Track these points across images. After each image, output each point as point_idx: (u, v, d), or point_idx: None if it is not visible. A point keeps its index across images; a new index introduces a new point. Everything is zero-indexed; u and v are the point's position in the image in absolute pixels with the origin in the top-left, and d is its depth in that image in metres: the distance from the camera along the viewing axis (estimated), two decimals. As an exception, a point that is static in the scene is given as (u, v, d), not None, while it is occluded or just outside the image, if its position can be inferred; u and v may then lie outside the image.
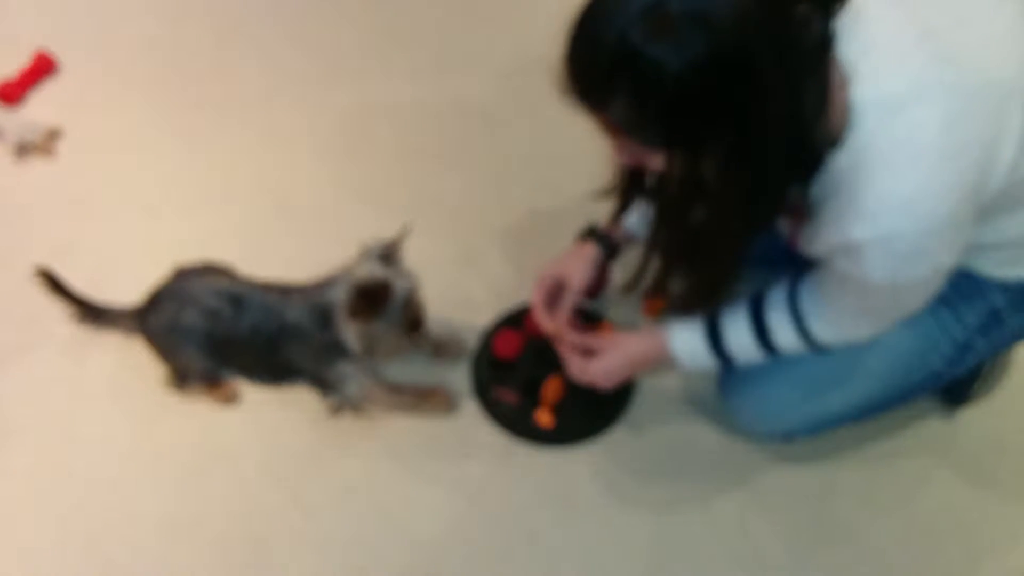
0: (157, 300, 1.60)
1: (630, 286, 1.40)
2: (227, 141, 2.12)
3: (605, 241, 1.55)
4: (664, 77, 0.93)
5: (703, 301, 1.33)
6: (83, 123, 2.15)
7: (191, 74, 2.27)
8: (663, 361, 1.42)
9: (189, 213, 1.98)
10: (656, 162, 1.09)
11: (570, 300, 1.52)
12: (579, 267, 1.53)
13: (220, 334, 1.55)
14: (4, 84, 2.16)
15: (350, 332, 1.48)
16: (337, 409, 1.61)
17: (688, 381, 1.65)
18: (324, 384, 1.58)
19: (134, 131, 2.14)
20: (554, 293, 1.55)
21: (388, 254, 1.47)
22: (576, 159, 1.83)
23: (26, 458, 1.62)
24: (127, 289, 1.65)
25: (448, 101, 2.19)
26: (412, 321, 1.52)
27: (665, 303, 1.72)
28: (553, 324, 1.51)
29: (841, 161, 1.04)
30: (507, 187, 2.01)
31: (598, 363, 1.44)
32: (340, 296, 1.45)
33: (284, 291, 1.55)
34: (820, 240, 1.14)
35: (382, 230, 1.48)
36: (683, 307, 1.36)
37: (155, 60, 2.30)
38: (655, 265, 1.30)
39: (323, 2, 2.43)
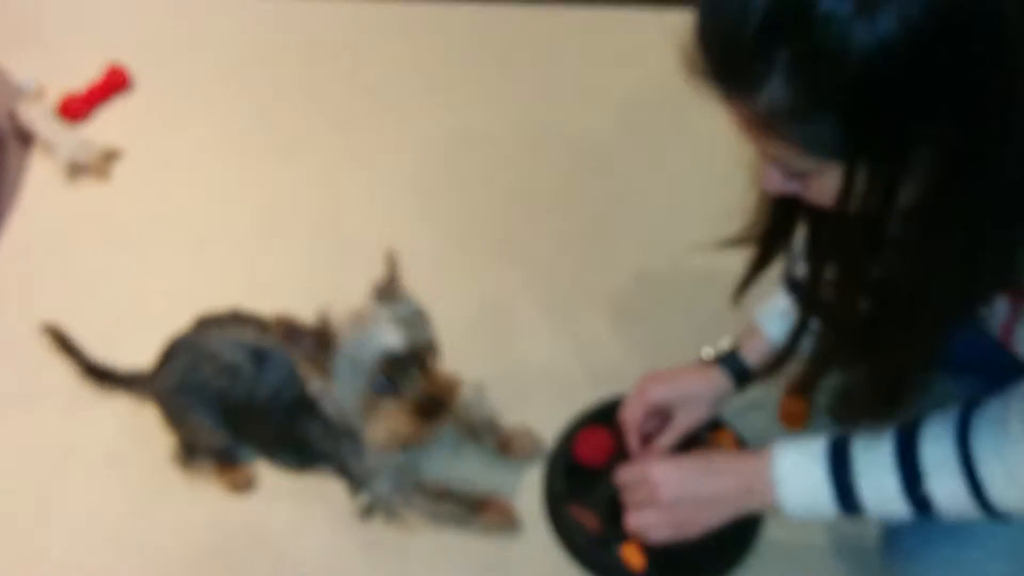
0: (170, 354, 1.30)
1: (769, 369, 1.08)
2: (298, 173, 1.83)
3: (735, 366, 1.17)
4: (849, 42, 0.61)
5: (875, 405, 0.92)
6: (148, 145, 1.92)
7: (272, 97, 2.01)
8: (756, 494, 0.99)
9: (240, 251, 1.70)
10: (824, 187, 0.75)
11: (670, 440, 1.19)
12: (693, 404, 1.18)
13: (237, 396, 1.24)
14: (69, 98, 1.95)
15: (314, 385, 1.14)
16: (367, 512, 1.26)
17: (832, 533, 1.21)
18: (349, 476, 1.24)
19: (200, 157, 1.89)
20: (656, 416, 1.20)
21: (384, 294, 1.14)
22: (701, 212, 1.42)
23: (-1, 529, 1.34)
24: (153, 329, 1.36)
25: (553, 134, 1.84)
26: (424, 401, 1.09)
27: (809, 407, 1.29)
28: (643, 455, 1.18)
29: None
30: (615, 240, 1.64)
31: (660, 463, 1.06)
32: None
33: None
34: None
35: (462, 278, 1.13)
36: (844, 413, 0.97)
37: (236, 81, 2.05)
38: (809, 347, 0.99)
39: (425, 21, 2.12)
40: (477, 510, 1.24)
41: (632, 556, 1.17)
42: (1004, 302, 0.83)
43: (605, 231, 1.65)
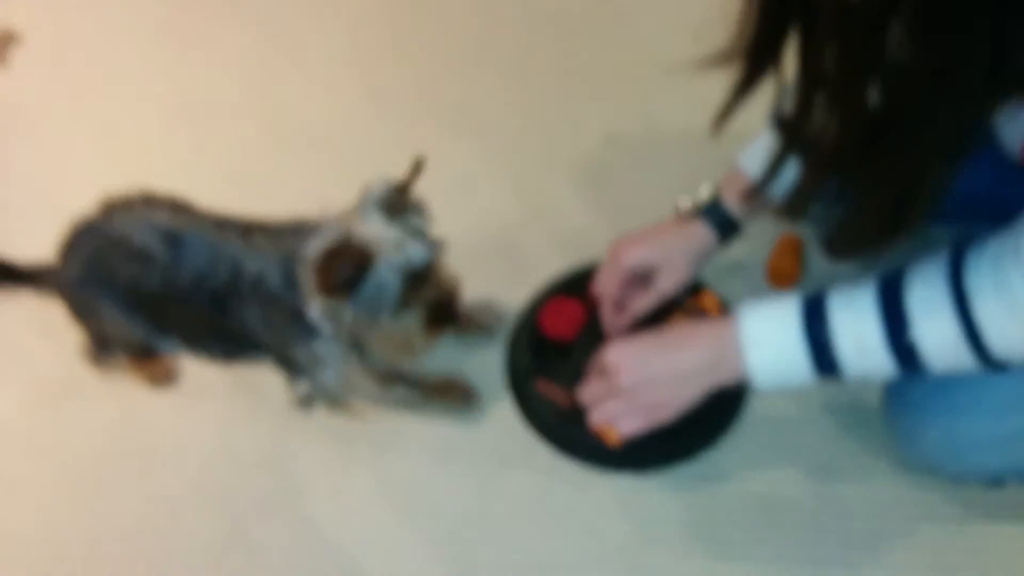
0: (74, 242, 1.13)
1: (751, 194, 0.95)
2: (218, 53, 1.66)
3: (718, 216, 1.03)
4: None
5: (879, 231, 0.78)
6: (50, 28, 1.72)
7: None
8: (724, 364, 0.85)
9: (154, 137, 1.52)
10: None
11: (648, 305, 1.05)
12: (675, 265, 1.03)
13: (151, 285, 1.07)
14: (-41, -22, 1.74)
15: (317, 310, 0.99)
16: (307, 402, 1.10)
17: (826, 396, 1.08)
18: (290, 365, 1.08)
19: (108, 40, 1.71)
20: (634, 284, 1.06)
21: (395, 202, 0.96)
22: (678, 76, 1.28)
23: None
24: (58, 221, 1.16)
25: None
26: (433, 308, 1.00)
27: (800, 264, 1.17)
28: (619, 328, 1.06)
29: None
30: (582, 106, 1.48)
31: (613, 346, 0.90)
32: (311, 253, 0.96)
33: (246, 230, 1.05)
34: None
35: (412, 150, 0.98)
36: (842, 244, 0.84)
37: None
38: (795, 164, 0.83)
39: None
40: (432, 393, 1.10)
41: (607, 430, 1.04)
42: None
43: (569, 95, 1.50)
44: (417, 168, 0.98)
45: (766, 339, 0.83)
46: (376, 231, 0.94)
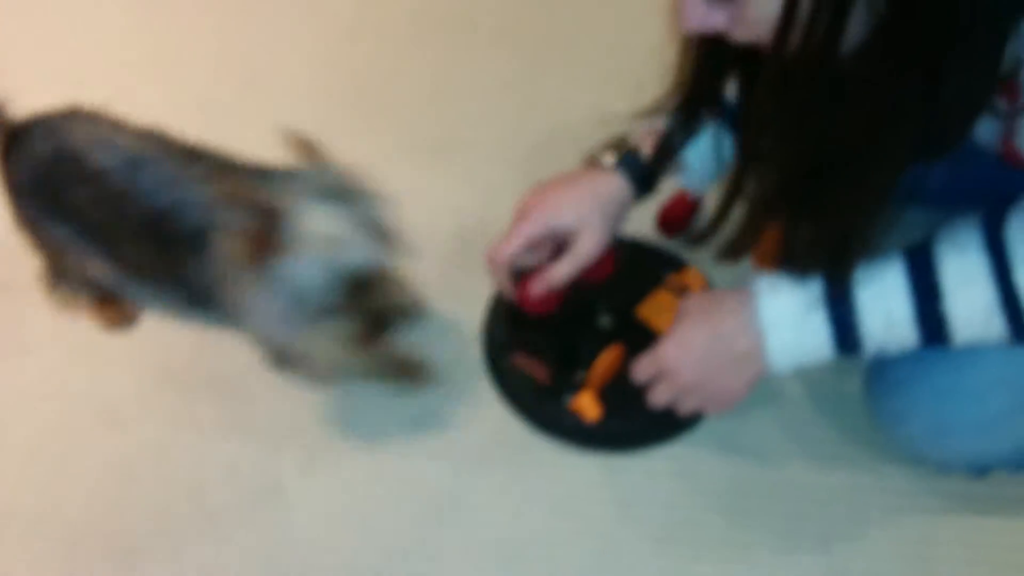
0: (27, 139, 0.97)
1: (704, 234, 0.85)
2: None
3: (637, 169, 0.98)
4: None
5: (824, 258, 0.78)
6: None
7: None
8: (755, 344, 0.82)
9: (127, 88, 1.45)
10: (759, 10, 0.64)
11: (566, 272, 0.97)
12: (594, 224, 0.96)
13: (99, 214, 0.94)
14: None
15: (232, 287, 0.88)
16: (275, 362, 1.03)
17: (807, 379, 1.06)
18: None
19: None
20: (540, 245, 0.99)
21: (340, 187, 0.85)
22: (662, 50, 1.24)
23: None
24: None
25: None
26: (373, 315, 0.93)
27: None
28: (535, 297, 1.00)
29: None
30: (568, 77, 1.45)
31: (667, 347, 0.86)
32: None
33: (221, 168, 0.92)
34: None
35: (384, 118, 0.93)
36: (792, 267, 0.81)
37: None
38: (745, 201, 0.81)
39: None
40: (394, 369, 1.05)
41: (587, 406, 1.00)
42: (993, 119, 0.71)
43: (556, 67, 1.46)
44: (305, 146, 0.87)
45: (787, 323, 0.80)
46: (314, 220, 0.82)
